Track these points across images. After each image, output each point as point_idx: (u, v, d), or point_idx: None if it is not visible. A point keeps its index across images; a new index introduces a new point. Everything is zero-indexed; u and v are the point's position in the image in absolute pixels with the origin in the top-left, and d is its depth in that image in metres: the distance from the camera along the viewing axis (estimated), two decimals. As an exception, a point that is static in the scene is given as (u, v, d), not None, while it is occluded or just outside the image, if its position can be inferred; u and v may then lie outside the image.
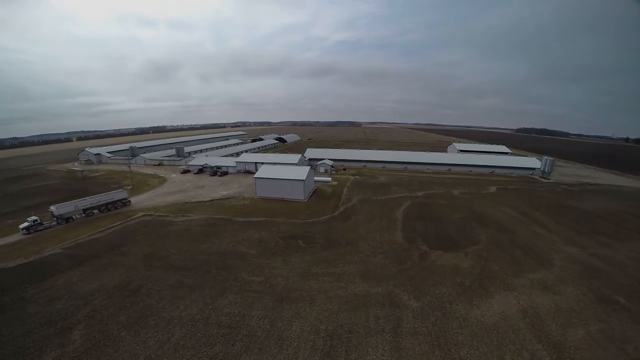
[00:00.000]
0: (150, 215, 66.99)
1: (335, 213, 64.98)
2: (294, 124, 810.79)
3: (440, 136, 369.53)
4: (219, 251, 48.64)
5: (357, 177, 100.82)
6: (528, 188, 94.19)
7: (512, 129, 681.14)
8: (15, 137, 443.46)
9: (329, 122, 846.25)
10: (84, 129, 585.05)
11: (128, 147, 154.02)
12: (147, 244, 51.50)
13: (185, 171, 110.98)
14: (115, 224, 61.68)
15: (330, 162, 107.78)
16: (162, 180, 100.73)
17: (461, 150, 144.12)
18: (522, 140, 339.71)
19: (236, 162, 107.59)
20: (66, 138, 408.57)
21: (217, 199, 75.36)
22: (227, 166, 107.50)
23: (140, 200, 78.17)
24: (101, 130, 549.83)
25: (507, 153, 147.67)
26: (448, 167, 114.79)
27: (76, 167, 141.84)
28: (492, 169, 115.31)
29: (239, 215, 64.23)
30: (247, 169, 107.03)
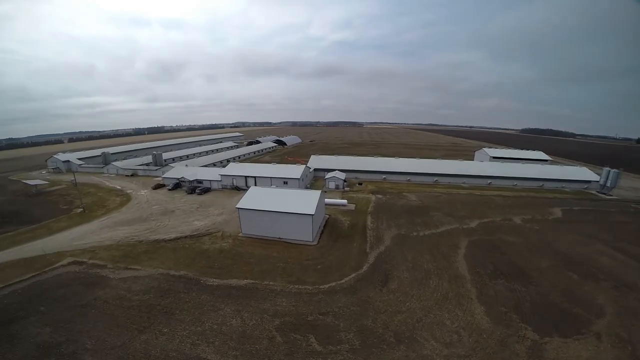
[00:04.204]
0: (81, 264, 44.55)
1: (364, 268, 41.63)
2: (294, 124, 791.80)
3: (450, 137, 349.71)
4: (166, 355, 27.14)
5: (380, 196, 77.22)
6: (596, 209, 73.41)
7: (517, 130, 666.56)
8: (11, 138, 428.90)
9: (330, 122, 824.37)
10: (82, 130, 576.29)
11: (100, 154, 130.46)
12: (54, 321, 32.17)
13: (158, 186, 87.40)
14: (23, 278, 40.79)
15: (343, 176, 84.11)
16: (125, 200, 77.48)
17: (494, 157, 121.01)
18: (530, 141, 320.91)
19: (220, 175, 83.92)
20: (57, 140, 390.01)
21: (186, 237, 51.91)
22: (209, 180, 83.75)
23: (79, 234, 55.47)
24: (98, 131, 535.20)
25: (545, 160, 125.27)
26: (489, 181, 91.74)
27: (42, 174, 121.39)
28: (540, 183, 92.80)
29: (212, 271, 41.07)
30: (234, 184, 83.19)
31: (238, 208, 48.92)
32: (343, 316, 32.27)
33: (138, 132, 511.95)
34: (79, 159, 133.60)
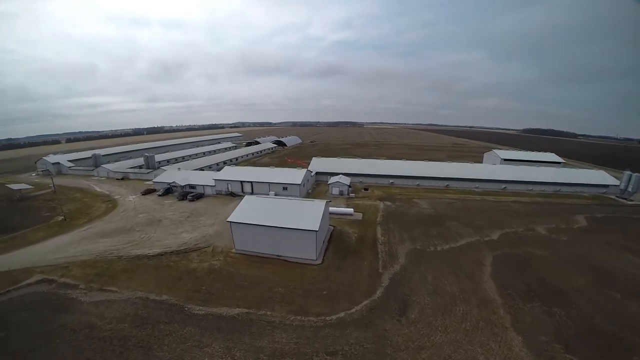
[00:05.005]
0: (51, 282, 39.01)
1: (378, 293, 35.45)
2: (294, 124, 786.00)
3: (452, 138, 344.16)
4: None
5: (388, 203, 70.85)
6: (621, 216, 67.98)
7: (518, 130, 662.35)
8: (10, 138, 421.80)
9: (330, 122, 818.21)
10: (81, 130, 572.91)
11: (90, 155, 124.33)
12: (10, 352, 27.62)
13: (148, 191, 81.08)
14: (-15, 297, 35.35)
15: (347, 181, 77.66)
16: (111, 206, 71.34)
17: (505, 160, 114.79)
18: (532, 141, 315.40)
19: (214, 179, 77.64)
20: (54, 140, 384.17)
21: (172, 252, 45.71)
22: (203, 185, 77.45)
23: (55, 247, 49.82)
24: (97, 132, 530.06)
25: (558, 162, 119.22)
26: (503, 186, 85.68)
27: (31, 177, 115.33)
28: (557, 187, 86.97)
29: (198, 297, 34.97)
30: (230, 189, 76.80)
31: (231, 222, 42.47)
32: (355, 356, 26.57)
33: (137, 132, 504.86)
34: (69, 160, 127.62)
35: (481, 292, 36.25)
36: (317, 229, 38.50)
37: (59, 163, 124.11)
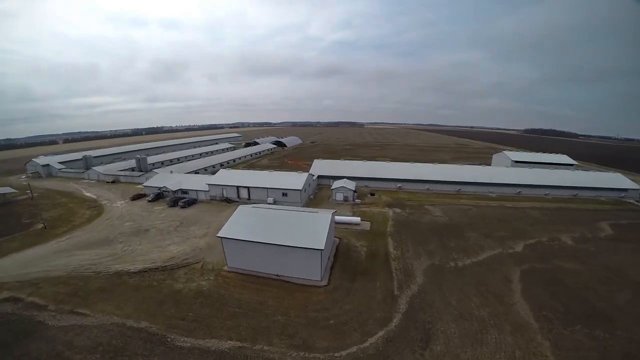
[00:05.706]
0: (17, 301, 34.30)
1: (395, 321, 29.96)
2: (294, 124, 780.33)
3: (454, 138, 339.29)
4: None
5: (398, 210, 65.16)
6: None
7: (519, 130, 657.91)
8: (9, 138, 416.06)
9: (330, 122, 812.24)
10: (81, 130, 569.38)
11: (81, 157, 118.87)
12: None
13: (137, 196, 75.43)
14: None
15: (352, 186, 71.82)
16: (96, 214, 65.89)
17: (517, 162, 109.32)
18: (534, 141, 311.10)
19: (208, 184, 72.06)
20: (52, 140, 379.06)
21: (156, 269, 40.18)
22: (196, 190, 71.90)
23: (28, 259, 44.68)
24: (95, 132, 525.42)
25: (571, 165, 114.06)
26: (518, 190, 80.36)
27: (21, 179, 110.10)
28: (574, 192, 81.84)
29: (183, 325, 29.56)
30: (225, 195, 71.10)
31: (221, 237, 36.79)
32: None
33: (136, 132, 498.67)
34: (60, 162, 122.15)
35: (513, 315, 31.33)
36: (322, 248, 32.90)
37: (48, 165, 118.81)
